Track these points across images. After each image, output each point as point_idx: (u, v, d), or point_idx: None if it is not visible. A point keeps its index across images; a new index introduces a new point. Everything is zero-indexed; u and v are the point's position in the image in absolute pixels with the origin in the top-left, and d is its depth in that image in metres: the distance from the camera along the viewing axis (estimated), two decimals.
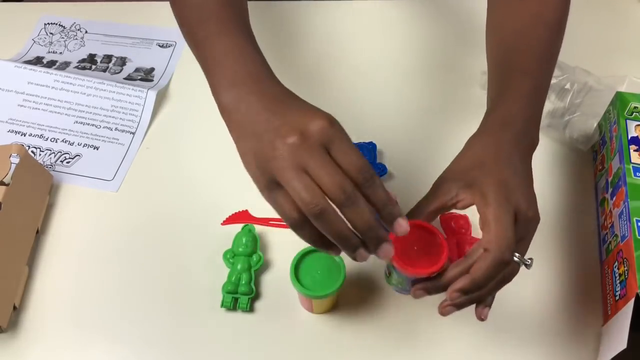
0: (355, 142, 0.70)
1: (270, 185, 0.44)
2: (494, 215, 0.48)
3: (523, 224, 0.49)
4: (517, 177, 0.51)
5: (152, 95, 0.77)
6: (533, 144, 0.55)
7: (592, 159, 0.71)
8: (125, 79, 0.82)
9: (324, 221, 0.41)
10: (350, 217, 0.42)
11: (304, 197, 0.41)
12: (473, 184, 0.51)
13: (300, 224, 0.43)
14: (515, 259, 0.48)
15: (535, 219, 0.50)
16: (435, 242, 0.52)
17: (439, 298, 0.60)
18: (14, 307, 0.60)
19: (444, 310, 0.50)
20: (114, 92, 0.78)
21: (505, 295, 0.60)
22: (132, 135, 0.75)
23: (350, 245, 0.43)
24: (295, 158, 0.42)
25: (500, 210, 0.48)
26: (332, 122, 0.45)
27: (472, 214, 0.65)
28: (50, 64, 0.84)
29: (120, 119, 0.77)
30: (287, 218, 0.44)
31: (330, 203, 0.41)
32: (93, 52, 0.86)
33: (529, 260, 0.49)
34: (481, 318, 0.51)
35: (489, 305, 0.51)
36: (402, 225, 0.43)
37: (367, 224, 0.42)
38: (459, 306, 0.49)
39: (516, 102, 0.55)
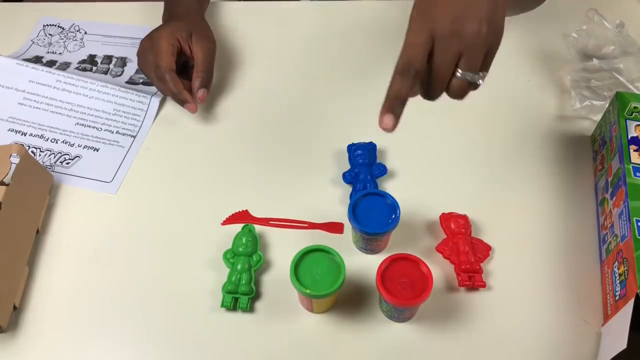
0: (356, 142, 0.71)
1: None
2: (407, 29, 0.50)
3: (446, 39, 0.48)
4: None
5: (155, 102, 0.78)
6: None
7: (592, 159, 0.71)
8: (127, 82, 0.82)
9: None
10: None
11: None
12: (413, 8, 0.52)
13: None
14: (459, 74, 0.49)
15: (465, 33, 0.48)
16: (421, 273, 0.56)
17: (441, 296, 0.60)
18: (14, 307, 0.60)
19: (382, 121, 0.52)
20: (117, 96, 0.78)
21: (506, 296, 0.61)
22: (132, 138, 0.75)
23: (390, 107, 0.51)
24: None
25: (410, 26, 0.50)
26: None
27: (472, 213, 0.65)
28: (50, 63, 0.84)
29: (122, 122, 0.77)
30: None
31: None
32: (93, 53, 0.86)
33: (475, 77, 0.50)
34: (385, 126, 0.52)
35: (396, 114, 0.52)
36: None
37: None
38: (393, 112, 0.52)
39: None
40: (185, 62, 0.77)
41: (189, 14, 0.79)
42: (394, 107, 0.51)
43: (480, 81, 0.50)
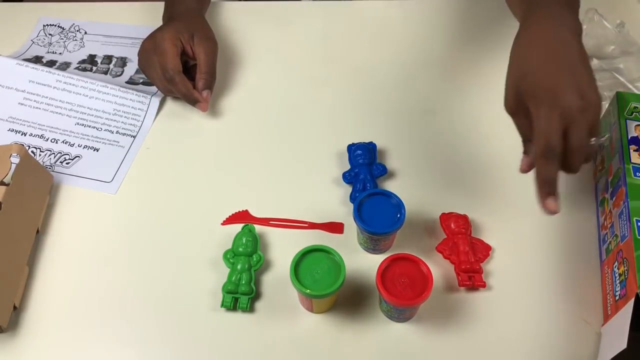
0: (355, 142, 0.71)
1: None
2: (535, 116, 0.54)
3: (577, 117, 0.52)
4: (560, 71, 0.54)
5: (155, 101, 0.78)
6: (577, 29, 0.56)
7: (592, 158, 0.71)
8: (127, 82, 0.82)
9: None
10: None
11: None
12: (526, 95, 0.56)
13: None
14: (592, 142, 0.53)
15: (589, 105, 0.52)
16: (421, 273, 0.56)
17: (441, 296, 0.60)
18: (14, 307, 0.60)
19: (546, 206, 0.55)
20: (117, 96, 0.78)
21: (506, 296, 0.61)
22: (132, 138, 0.75)
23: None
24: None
25: (539, 112, 0.53)
26: None
27: (472, 213, 0.65)
28: (50, 63, 0.84)
29: (122, 122, 0.77)
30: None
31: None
32: (93, 53, 0.86)
33: (603, 138, 0.56)
34: (551, 210, 0.55)
35: (555, 196, 0.55)
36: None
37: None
38: (549, 191, 0.55)
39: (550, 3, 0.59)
40: (185, 62, 0.77)
41: (190, 14, 0.79)
42: (550, 190, 0.54)
43: (608, 141, 0.58)
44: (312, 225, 0.66)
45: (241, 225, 0.66)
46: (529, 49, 0.57)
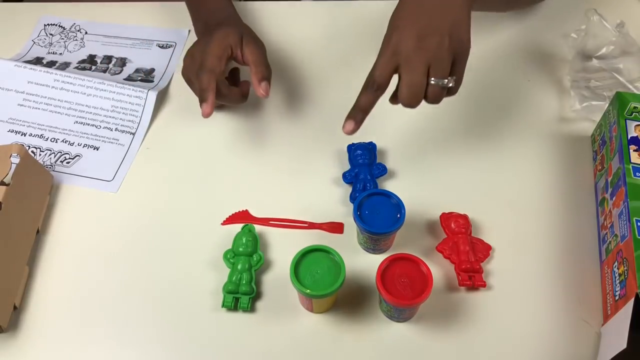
0: (356, 142, 0.71)
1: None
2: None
3: (411, 55, 0.56)
4: (414, 16, 0.58)
5: (152, 95, 0.77)
6: None
7: (592, 159, 0.71)
8: (125, 79, 0.82)
9: None
10: None
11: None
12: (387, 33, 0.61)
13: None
14: (432, 81, 0.56)
15: (426, 46, 0.55)
16: (421, 273, 0.56)
17: (441, 296, 0.60)
18: (14, 307, 0.60)
19: (345, 126, 0.61)
20: (114, 92, 0.78)
21: (506, 295, 0.61)
22: (132, 135, 0.75)
23: None
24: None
25: (380, 48, 0.59)
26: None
27: (472, 213, 0.65)
28: (50, 64, 0.84)
29: (121, 119, 0.77)
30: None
31: None
32: (93, 53, 0.86)
33: (445, 81, 0.57)
34: (347, 130, 0.61)
35: (357, 122, 0.61)
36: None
37: None
38: (354, 116, 0.61)
39: None
40: (233, 72, 0.76)
41: (234, 21, 0.76)
42: (355, 116, 0.60)
43: (451, 84, 0.57)
44: (312, 225, 0.66)
45: (241, 225, 0.66)
46: None
